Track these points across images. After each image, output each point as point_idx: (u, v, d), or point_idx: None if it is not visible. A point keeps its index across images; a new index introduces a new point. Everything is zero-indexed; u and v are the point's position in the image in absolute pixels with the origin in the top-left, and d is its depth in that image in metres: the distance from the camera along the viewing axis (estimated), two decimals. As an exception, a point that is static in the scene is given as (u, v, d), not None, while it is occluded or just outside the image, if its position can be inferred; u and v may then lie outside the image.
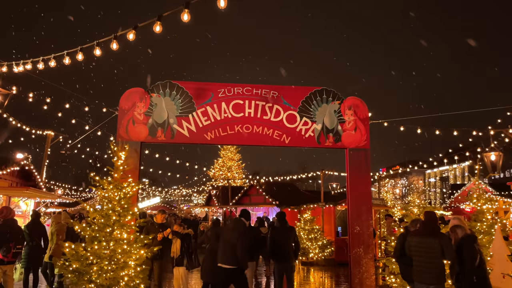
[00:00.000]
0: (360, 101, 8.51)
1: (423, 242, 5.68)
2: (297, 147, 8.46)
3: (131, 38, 5.42)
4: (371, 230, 8.03)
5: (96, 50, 5.50)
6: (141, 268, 6.81)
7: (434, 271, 5.54)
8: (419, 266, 5.69)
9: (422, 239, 5.72)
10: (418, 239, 5.77)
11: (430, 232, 5.69)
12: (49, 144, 14.95)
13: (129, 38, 5.45)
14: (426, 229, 5.78)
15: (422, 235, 5.77)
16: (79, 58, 5.68)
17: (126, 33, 5.32)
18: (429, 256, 5.58)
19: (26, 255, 8.20)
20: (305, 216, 15.33)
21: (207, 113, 8.24)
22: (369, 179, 8.32)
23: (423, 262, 5.64)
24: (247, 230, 6.94)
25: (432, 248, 5.57)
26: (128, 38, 5.46)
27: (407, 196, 46.41)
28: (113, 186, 6.98)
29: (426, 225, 5.83)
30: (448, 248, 5.53)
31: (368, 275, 7.87)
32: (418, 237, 5.81)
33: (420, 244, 5.71)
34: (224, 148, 43.45)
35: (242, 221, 6.93)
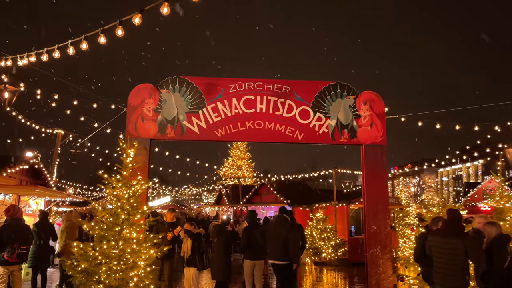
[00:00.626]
0: (376, 95, 8.20)
1: (446, 243, 5.32)
2: (310, 144, 8.20)
3: (137, 23, 5.20)
4: (388, 229, 7.72)
5: (101, 38, 5.30)
6: (151, 268, 6.62)
7: (457, 273, 5.19)
8: (441, 268, 5.33)
9: (444, 239, 5.36)
10: (440, 239, 5.43)
11: (454, 232, 5.34)
12: (59, 143, 14.92)
13: (135, 22, 5.23)
14: (449, 229, 5.43)
15: (444, 235, 5.43)
16: (83, 47, 5.49)
17: (132, 17, 5.10)
18: (452, 257, 5.22)
19: (33, 254, 8.05)
20: (318, 215, 15.03)
21: (217, 109, 8.01)
22: (386, 177, 8.02)
23: (445, 264, 5.29)
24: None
25: (456, 250, 5.20)
26: (134, 22, 5.23)
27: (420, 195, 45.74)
28: (122, 184, 6.79)
29: (449, 224, 5.47)
30: (473, 249, 5.16)
31: (385, 276, 7.57)
32: (440, 237, 5.47)
33: (443, 245, 5.35)
34: (233, 147, 43.27)
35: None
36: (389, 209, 7.89)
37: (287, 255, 7.03)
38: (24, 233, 6.68)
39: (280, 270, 7.14)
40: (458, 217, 5.52)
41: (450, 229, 5.41)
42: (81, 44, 5.41)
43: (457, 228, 5.41)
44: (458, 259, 5.19)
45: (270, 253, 7.29)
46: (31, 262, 8.06)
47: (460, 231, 5.40)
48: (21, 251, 6.51)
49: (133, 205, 6.80)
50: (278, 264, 7.12)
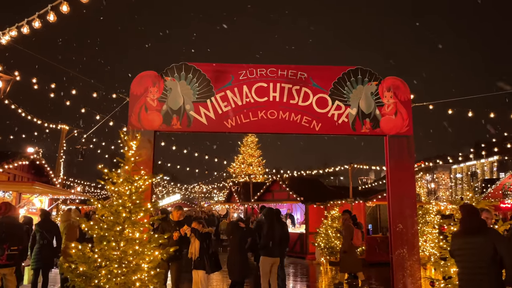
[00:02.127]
0: (400, 81, 7.47)
1: (467, 243, 4.44)
2: (328, 135, 7.51)
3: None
4: (415, 228, 7.01)
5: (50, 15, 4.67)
6: (155, 271, 6.02)
7: (484, 277, 4.24)
8: (465, 274, 4.44)
9: (465, 239, 4.49)
10: (461, 240, 4.54)
11: (474, 229, 4.47)
12: (63, 139, 14.46)
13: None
14: (466, 226, 4.58)
15: (464, 234, 4.56)
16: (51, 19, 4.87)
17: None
18: (476, 259, 4.32)
19: (36, 255, 7.57)
20: (333, 213, 14.32)
21: (227, 98, 7.37)
22: (413, 170, 7.30)
23: (469, 268, 4.40)
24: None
25: (479, 249, 4.33)
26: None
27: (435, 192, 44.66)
28: (123, 180, 6.20)
29: (465, 221, 4.60)
30: (503, 244, 4.25)
31: (413, 279, 6.87)
32: (459, 238, 4.60)
33: (463, 245, 4.46)
34: (244, 144, 42.68)
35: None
36: (416, 205, 7.18)
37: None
38: (15, 233, 6.14)
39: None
40: (474, 212, 4.69)
41: (467, 226, 4.60)
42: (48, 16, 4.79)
43: (476, 223, 4.53)
44: (482, 260, 4.27)
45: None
46: (34, 263, 7.58)
47: (481, 226, 4.56)
48: (11, 252, 5.97)
49: (136, 202, 6.20)
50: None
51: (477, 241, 4.35)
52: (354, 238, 10.08)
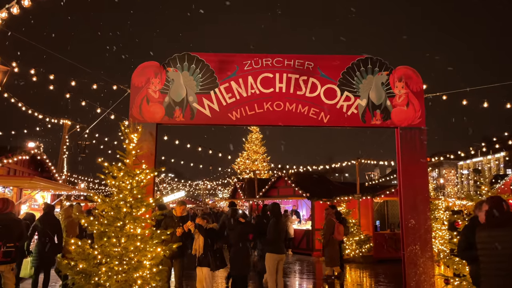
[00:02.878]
0: (412, 71, 7.16)
1: (491, 237, 4.14)
2: (337, 127, 7.23)
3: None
4: (429, 223, 6.72)
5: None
6: (158, 269, 5.78)
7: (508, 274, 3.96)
8: (491, 269, 4.11)
9: (490, 232, 4.18)
10: (486, 233, 4.22)
11: (504, 222, 4.15)
12: (66, 134, 14.27)
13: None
14: (495, 219, 4.22)
15: (490, 226, 4.25)
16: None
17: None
18: (505, 252, 4.01)
19: (37, 252, 7.35)
20: (340, 209, 14.02)
21: (231, 89, 7.11)
22: (426, 164, 6.99)
23: (497, 262, 4.07)
24: None
25: (509, 242, 4.02)
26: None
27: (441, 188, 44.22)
28: (124, 173, 5.96)
29: (493, 214, 4.31)
30: None
31: (426, 277, 6.58)
32: (485, 231, 4.26)
33: (487, 239, 4.16)
34: (248, 141, 42.41)
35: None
36: (429, 200, 6.89)
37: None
38: (12, 230, 5.91)
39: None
40: (502, 203, 4.37)
41: (497, 218, 4.21)
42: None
43: (507, 215, 4.20)
44: (508, 254, 3.98)
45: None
46: (35, 261, 7.36)
47: (510, 218, 4.27)
48: (7, 249, 5.75)
49: (137, 197, 5.96)
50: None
51: (507, 234, 4.06)
52: (335, 233, 10.18)
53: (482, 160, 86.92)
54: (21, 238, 6.12)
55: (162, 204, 8.42)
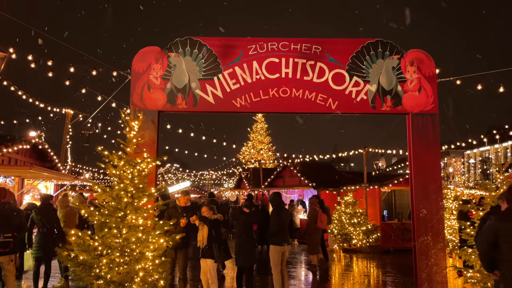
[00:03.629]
0: (425, 54, 6.84)
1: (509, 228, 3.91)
2: (346, 114, 6.95)
3: None
4: (441, 213, 6.48)
5: None
6: (160, 260, 5.61)
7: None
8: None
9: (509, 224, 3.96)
10: (507, 224, 3.99)
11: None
12: (68, 123, 14.09)
13: None
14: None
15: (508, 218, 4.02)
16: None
17: None
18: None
19: (37, 243, 7.22)
20: (346, 198, 13.81)
21: (235, 74, 6.84)
22: (438, 151, 6.72)
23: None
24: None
25: None
26: None
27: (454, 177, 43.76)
28: (124, 162, 5.76)
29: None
30: None
31: (438, 269, 6.36)
32: (507, 222, 4.02)
33: (507, 231, 3.95)
34: (253, 130, 42.15)
35: None
36: (442, 189, 6.63)
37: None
38: (10, 220, 5.74)
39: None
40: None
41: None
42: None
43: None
44: None
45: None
46: (35, 252, 7.24)
47: None
48: (4, 240, 5.59)
49: (139, 186, 5.77)
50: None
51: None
52: (318, 222, 10.40)
53: (490, 149, 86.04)
54: (20, 229, 5.96)
55: (165, 193, 8.23)
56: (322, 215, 10.56)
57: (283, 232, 7.05)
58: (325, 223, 10.76)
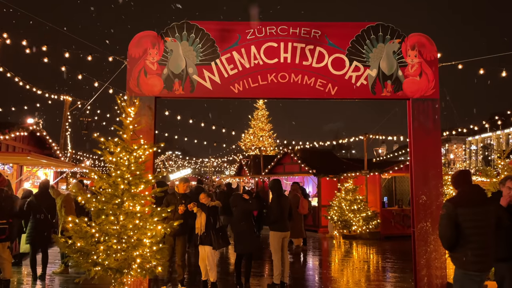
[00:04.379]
0: (426, 38, 6.70)
1: (480, 213, 3.97)
2: (345, 99, 6.84)
3: None
4: (441, 200, 6.42)
5: None
6: (158, 247, 5.60)
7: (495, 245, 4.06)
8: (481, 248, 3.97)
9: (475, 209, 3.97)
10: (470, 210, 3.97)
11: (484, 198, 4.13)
12: (67, 110, 14.00)
13: None
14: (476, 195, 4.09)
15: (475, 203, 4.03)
16: None
17: None
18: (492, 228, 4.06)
19: (31, 229, 7.20)
20: (347, 185, 13.78)
21: (233, 59, 6.72)
22: (439, 137, 6.63)
23: (487, 240, 3.99)
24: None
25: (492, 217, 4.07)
26: None
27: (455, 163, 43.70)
28: (121, 149, 5.70)
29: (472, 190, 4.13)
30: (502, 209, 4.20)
31: (437, 255, 6.34)
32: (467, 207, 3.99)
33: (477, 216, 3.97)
34: (254, 118, 42.00)
35: None
36: (442, 176, 6.57)
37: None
38: (4, 206, 5.71)
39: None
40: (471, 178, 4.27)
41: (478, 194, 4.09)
42: None
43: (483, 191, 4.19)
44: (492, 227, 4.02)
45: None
46: (29, 238, 7.23)
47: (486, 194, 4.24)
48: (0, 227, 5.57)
49: (135, 173, 5.72)
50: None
51: (489, 210, 4.01)
52: (300, 207, 10.89)
53: (491, 136, 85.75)
54: (14, 215, 5.93)
55: (162, 181, 8.19)
56: (303, 201, 11.04)
57: (283, 219, 7.04)
58: (306, 208, 11.23)
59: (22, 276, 7.49)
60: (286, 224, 7.13)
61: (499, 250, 4.40)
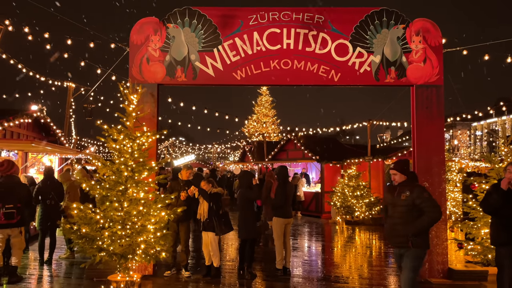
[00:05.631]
0: (431, 23, 6.61)
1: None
2: (348, 86, 6.81)
3: None
4: (443, 186, 6.43)
5: None
6: (162, 233, 5.67)
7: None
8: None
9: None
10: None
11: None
12: (70, 97, 14.03)
13: None
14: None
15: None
16: None
17: None
18: None
19: (40, 215, 7.34)
20: (350, 171, 13.80)
21: (235, 46, 6.68)
22: (442, 124, 6.61)
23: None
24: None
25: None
26: None
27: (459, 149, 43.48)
28: (124, 136, 5.73)
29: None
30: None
31: (439, 241, 6.38)
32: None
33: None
34: (258, 104, 41.92)
35: None
36: (445, 162, 6.56)
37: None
38: (11, 192, 5.79)
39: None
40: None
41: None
42: None
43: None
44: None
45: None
46: (39, 224, 7.37)
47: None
48: (7, 211, 5.66)
49: (139, 160, 5.77)
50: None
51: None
52: (271, 193, 11.01)
53: (497, 121, 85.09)
54: (24, 202, 6.01)
55: (162, 167, 8.25)
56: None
57: (287, 205, 7.09)
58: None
59: (29, 260, 7.63)
60: (289, 210, 7.18)
61: (500, 234, 4.46)
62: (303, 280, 6.71)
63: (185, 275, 6.63)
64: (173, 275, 6.70)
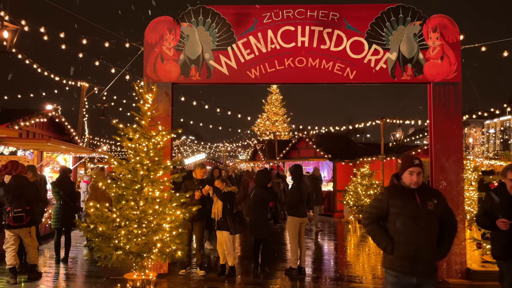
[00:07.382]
0: (448, 20, 6.49)
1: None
2: (364, 84, 6.73)
3: None
4: (461, 185, 6.33)
5: None
6: (177, 231, 5.68)
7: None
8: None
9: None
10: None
11: None
12: (84, 96, 14.16)
13: None
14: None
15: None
16: None
17: None
18: None
19: (55, 215, 7.41)
20: (363, 170, 13.67)
21: (249, 44, 6.65)
22: (460, 122, 6.49)
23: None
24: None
25: None
26: None
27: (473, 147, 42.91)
28: (139, 135, 5.74)
29: None
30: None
31: (457, 241, 6.27)
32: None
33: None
34: (268, 102, 41.84)
35: None
36: (463, 161, 6.45)
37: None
38: (19, 194, 5.82)
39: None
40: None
41: None
42: None
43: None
44: None
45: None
46: (54, 223, 7.45)
47: None
48: (16, 214, 5.71)
49: (154, 159, 5.78)
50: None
51: None
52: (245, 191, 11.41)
53: (510, 119, 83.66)
54: (33, 202, 6.06)
55: (183, 167, 8.27)
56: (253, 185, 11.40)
57: (302, 204, 7.05)
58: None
59: (45, 259, 7.72)
60: (304, 209, 7.13)
61: (498, 247, 4.17)
62: (317, 279, 6.66)
63: (200, 274, 6.63)
64: (188, 273, 6.71)
